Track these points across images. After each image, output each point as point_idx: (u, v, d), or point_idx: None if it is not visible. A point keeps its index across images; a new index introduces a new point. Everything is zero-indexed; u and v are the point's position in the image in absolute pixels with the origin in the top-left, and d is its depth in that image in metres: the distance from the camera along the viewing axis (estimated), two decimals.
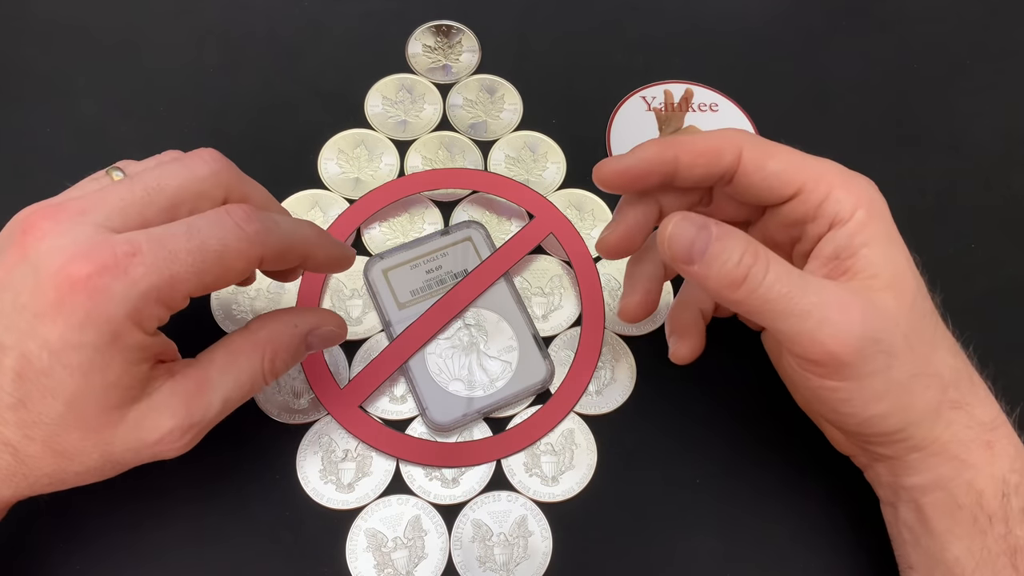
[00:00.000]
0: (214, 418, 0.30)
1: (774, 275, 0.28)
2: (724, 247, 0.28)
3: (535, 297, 0.40)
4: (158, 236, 0.27)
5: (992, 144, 0.46)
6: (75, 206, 0.27)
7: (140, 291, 0.26)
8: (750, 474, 0.37)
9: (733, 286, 0.29)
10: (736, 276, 0.28)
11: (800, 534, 0.36)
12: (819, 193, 0.30)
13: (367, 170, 0.43)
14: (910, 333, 0.29)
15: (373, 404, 0.38)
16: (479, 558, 0.35)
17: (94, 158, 0.43)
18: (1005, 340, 0.40)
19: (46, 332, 0.26)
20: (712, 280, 0.29)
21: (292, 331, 0.32)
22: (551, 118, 0.45)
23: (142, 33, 0.46)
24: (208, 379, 0.29)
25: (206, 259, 0.27)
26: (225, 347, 0.31)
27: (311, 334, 0.32)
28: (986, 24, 0.50)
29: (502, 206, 0.43)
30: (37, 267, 0.26)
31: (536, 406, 0.38)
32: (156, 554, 0.34)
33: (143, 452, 0.29)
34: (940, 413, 0.30)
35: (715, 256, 0.28)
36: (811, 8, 0.50)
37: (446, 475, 0.36)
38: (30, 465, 0.27)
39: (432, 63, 0.47)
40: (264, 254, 0.29)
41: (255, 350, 0.31)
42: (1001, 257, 0.43)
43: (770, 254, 0.29)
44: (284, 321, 0.32)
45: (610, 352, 0.39)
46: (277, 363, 0.31)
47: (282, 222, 0.30)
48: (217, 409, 0.30)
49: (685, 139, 0.31)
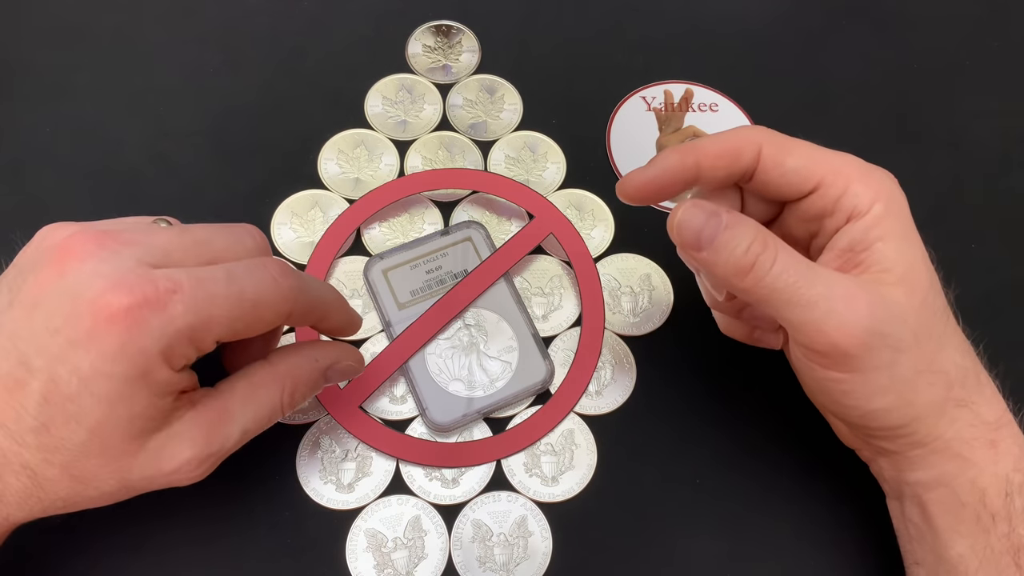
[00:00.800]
0: (231, 448, 0.30)
1: (781, 264, 0.28)
2: (733, 235, 0.29)
3: (535, 297, 0.40)
4: (199, 277, 0.27)
5: (992, 144, 0.46)
6: (122, 237, 0.27)
7: (176, 328, 0.26)
8: (750, 473, 0.37)
9: (740, 274, 0.29)
10: (744, 264, 0.28)
11: (802, 533, 0.36)
12: (837, 187, 0.30)
13: (367, 170, 0.43)
14: (918, 329, 0.29)
15: (373, 404, 0.38)
16: (479, 558, 0.35)
17: (94, 158, 0.43)
18: (1005, 340, 0.40)
19: (78, 359, 0.26)
20: (720, 267, 0.29)
21: (312, 365, 0.32)
22: (551, 118, 0.45)
23: (142, 33, 0.46)
24: (229, 410, 0.30)
25: (242, 307, 0.28)
26: (247, 379, 0.31)
27: (330, 368, 0.33)
28: (986, 24, 0.50)
29: (502, 206, 0.43)
30: (75, 291, 0.26)
31: (536, 406, 0.38)
32: (156, 554, 0.34)
33: (159, 480, 0.29)
34: (944, 410, 0.30)
35: (724, 244, 0.29)
36: (811, 8, 0.50)
37: (446, 475, 0.36)
38: (47, 489, 0.27)
39: (432, 63, 0.47)
40: (293, 311, 0.30)
41: (275, 383, 0.31)
42: (1001, 257, 0.43)
43: (779, 243, 0.29)
44: (305, 355, 0.32)
45: (610, 352, 0.39)
46: (296, 396, 0.31)
47: (312, 283, 0.31)
48: (235, 440, 0.30)
49: (704, 143, 0.31)
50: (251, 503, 0.35)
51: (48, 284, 0.26)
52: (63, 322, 0.26)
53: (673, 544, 0.36)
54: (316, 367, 0.32)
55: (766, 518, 0.36)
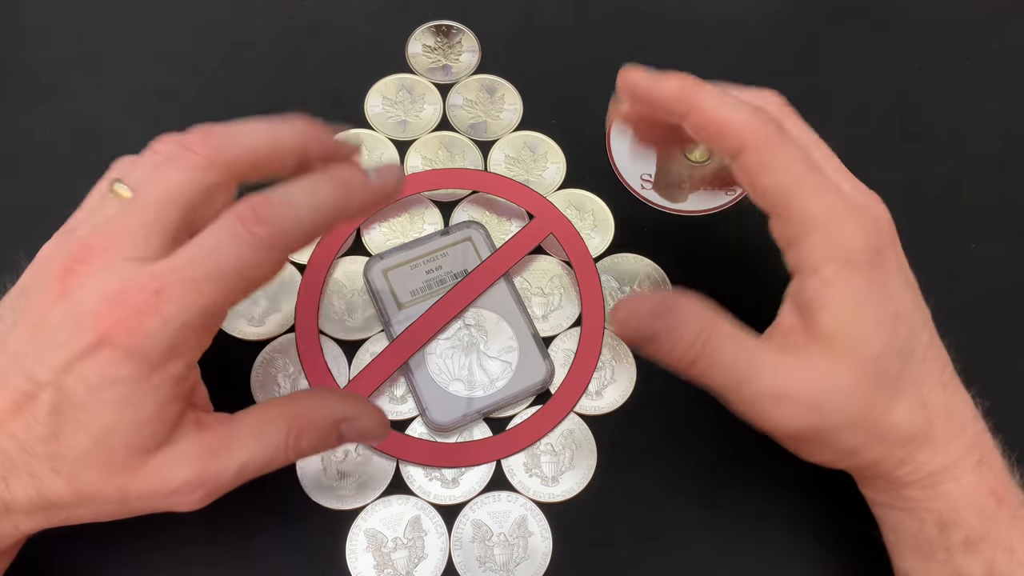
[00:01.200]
0: (229, 480, 0.29)
1: (718, 367, 0.29)
2: (669, 337, 0.29)
3: (535, 297, 0.40)
4: (180, 268, 0.27)
5: (992, 144, 0.46)
6: (100, 242, 0.27)
7: (174, 328, 0.26)
8: (750, 473, 0.37)
9: (682, 370, 0.29)
10: (683, 363, 0.29)
11: (803, 534, 0.36)
12: (792, 230, 0.29)
13: None
14: (859, 408, 0.29)
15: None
16: (479, 558, 0.35)
17: (94, 158, 0.43)
18: (1005, 340, 0.40)
19: (84, 370, 0.26)
20: (664, 362, 0.30)
21: (326, 413, 0.30)
22: (551, 118, 0.45)
23: (142, 33, 0.46)
24: (233, 439, 0.29)
25: (228, 280, 0.27)
26: (259, 411, 0.30)
27: (345, 423, 0.30)
28: (986, 24, 0.50)
29: (502, 206, 0.43)
30: (77, 309, 0.27)
31: (536, 406, 0.38)
32: (156, 554, 0.34)
33: (157, 502, 0.28)
34: (882, 464, 0.30)
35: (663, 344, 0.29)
36: (811, 8, 0.50)
37: (446, 475, 0.36)
38: (51, 500, 0.27)
39: (432, 63, 0.47)
40: (286, 249, 0.28)
41: (283, 420, 0.29)
42: (1001, 257, 0.43)
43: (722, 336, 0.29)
44: (320, 401, 0.31)
45: (610, 352, 0.39)
46: (302, 441, 0.30)
47: (299, 201, 0.28)
48: (233, 472, 0.29)
49: (706, 97, 0.30)
50: (251, 503, 0.35)
51: (52, 307, 0.27)
52: (67, 337, 0.26)
53: (673, 544, 0.36)
54: (330, 415, 0.30)
55: (766, 518, 0.36)
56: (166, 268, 0.27)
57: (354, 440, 0.32)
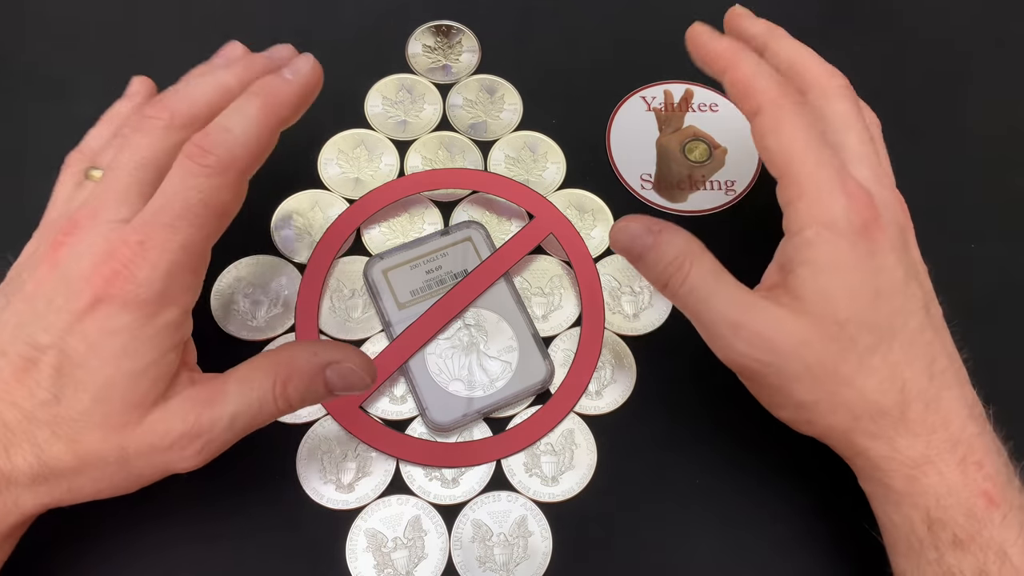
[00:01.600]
0: (223, 431, 0.29)
1: (688, 287, 0.31)
2: (655, 254, 0.32)
3: (535, 297, 0.41)
4: (155, 215, 0.29)
5: (992, 143, 0.46)
6: (85, 214, 0.29)
7: (163, 271, 0.28)
8: (750, 473, 0.37)
9: (658, 286, 0.32)
10: (660, 280, 0.32)
11: (802, 533, 0.36)
12: (789, 193, 0.31)
13: (367, 170, 0.43)
14: (814, 363, 0.30)
15: (373, 404, 0.38)
16: (479, 558, 0.35)
17: None
18: (1005, 340, 0.40)
19: (85, 328, 0.28)
20: (648, 278, 0.32)
21: (311, 359, 0.31)
22: (551, 118, 0.45)
23: (142, 33, 0.46)
24: (224, 391, 0.30)
25: (197, 213, 0.29)
26: (248, 364, 0.31)
27: (330, 367, 0.31)
28: (986, 24, 0.50)
29: (502, 206, 0.43)
30: (67, 275, 0.28)
31: (536, 406, 0.38)
32: (156, 554, 0.34)
33: (156, 459, 0.29)
34: (853, 436, 0.31)
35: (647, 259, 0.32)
36: (809, 8, 0.50)
37: (446, 475, 0.36)
38: (51, 466, 0.28)
39: (432, 63, 0.47)
40: (239, 169, 0.30)
41: (270, 369, 0.30)
42: (1001, 257, 0.43)
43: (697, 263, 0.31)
44: (304, 348, 0.31)
45: (610, 352, 0.39)
46: (289, 388, 0.30)
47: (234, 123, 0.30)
48: (225, 423, 0.29)
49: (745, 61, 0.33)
50: (251, 503, 0.35)
51: (45, 278, 0.29)
52: (65, 301, 0.28)
53: (673, 544, 0.36)
54: (314, 361, 0.31)
55: (766, 518, 0.36)
56: (143, 220, 0.29)
57: (342, 388, 0.31)
